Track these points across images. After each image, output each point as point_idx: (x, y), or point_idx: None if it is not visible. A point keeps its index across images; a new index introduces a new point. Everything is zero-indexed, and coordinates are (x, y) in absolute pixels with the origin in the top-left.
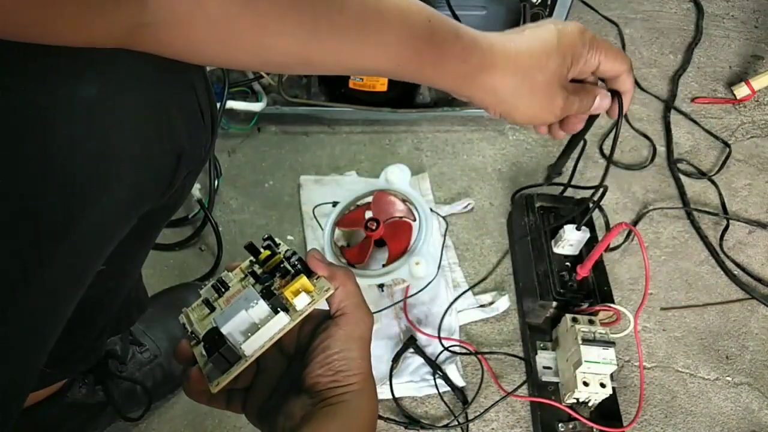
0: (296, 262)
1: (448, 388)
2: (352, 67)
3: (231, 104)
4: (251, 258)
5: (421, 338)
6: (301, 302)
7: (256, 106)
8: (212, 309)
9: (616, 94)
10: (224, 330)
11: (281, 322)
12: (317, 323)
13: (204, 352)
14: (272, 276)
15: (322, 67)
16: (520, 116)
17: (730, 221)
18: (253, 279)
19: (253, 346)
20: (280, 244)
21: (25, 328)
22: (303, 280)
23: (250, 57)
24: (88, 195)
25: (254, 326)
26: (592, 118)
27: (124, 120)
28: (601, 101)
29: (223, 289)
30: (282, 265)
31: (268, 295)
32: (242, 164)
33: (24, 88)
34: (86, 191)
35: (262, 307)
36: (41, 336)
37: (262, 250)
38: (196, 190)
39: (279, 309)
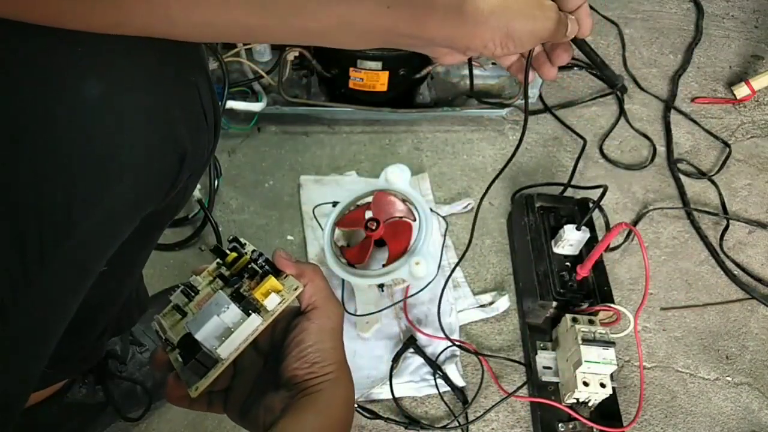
0: (263, 263)
1: (448, 388)
2: (346, 16)
3: (231, 104)
4: (218, 260)
5: (421, 338)
6: (271, 303)
7: (256, 106)
8: (184, 314)
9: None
10: (198, 336)
11: (254, 324)
12: (290, 319)
13: (180, 358)
14: (240, 278)
15: (316, 20)
16: (523, 19)
17: (730, 221)
18: (221, 282)
19: (228, 350)
20: (245, 244)
21: (26, 328)
22: (272, 281)
23: (243, 11)
24: (90, 196)
25: (228, 330)
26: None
27: (127, 121)
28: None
29: (192, 294)
30: (249, 266)
31: (238, 298)
32: (242, 164)
33: (27, 89)
34: (89, 192)
35: (233, 311)
36: (43, 336)
37: (228, 252)
38: (197, 190)
39: (250, 311)
